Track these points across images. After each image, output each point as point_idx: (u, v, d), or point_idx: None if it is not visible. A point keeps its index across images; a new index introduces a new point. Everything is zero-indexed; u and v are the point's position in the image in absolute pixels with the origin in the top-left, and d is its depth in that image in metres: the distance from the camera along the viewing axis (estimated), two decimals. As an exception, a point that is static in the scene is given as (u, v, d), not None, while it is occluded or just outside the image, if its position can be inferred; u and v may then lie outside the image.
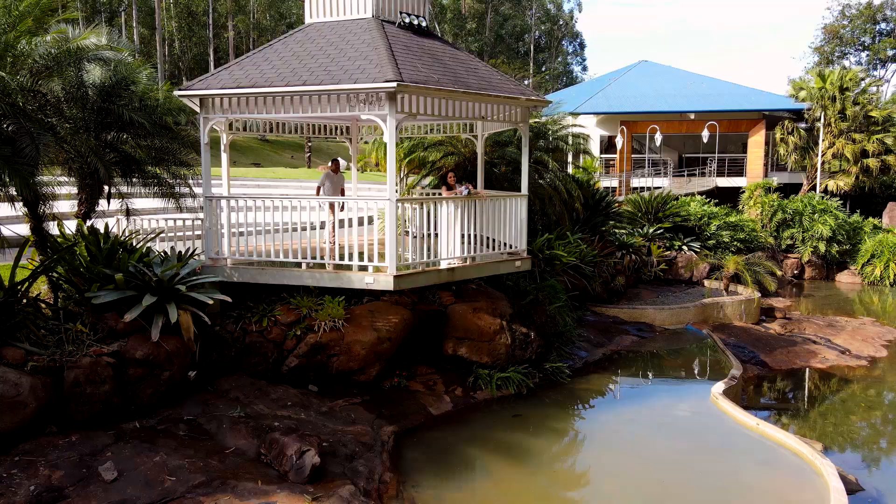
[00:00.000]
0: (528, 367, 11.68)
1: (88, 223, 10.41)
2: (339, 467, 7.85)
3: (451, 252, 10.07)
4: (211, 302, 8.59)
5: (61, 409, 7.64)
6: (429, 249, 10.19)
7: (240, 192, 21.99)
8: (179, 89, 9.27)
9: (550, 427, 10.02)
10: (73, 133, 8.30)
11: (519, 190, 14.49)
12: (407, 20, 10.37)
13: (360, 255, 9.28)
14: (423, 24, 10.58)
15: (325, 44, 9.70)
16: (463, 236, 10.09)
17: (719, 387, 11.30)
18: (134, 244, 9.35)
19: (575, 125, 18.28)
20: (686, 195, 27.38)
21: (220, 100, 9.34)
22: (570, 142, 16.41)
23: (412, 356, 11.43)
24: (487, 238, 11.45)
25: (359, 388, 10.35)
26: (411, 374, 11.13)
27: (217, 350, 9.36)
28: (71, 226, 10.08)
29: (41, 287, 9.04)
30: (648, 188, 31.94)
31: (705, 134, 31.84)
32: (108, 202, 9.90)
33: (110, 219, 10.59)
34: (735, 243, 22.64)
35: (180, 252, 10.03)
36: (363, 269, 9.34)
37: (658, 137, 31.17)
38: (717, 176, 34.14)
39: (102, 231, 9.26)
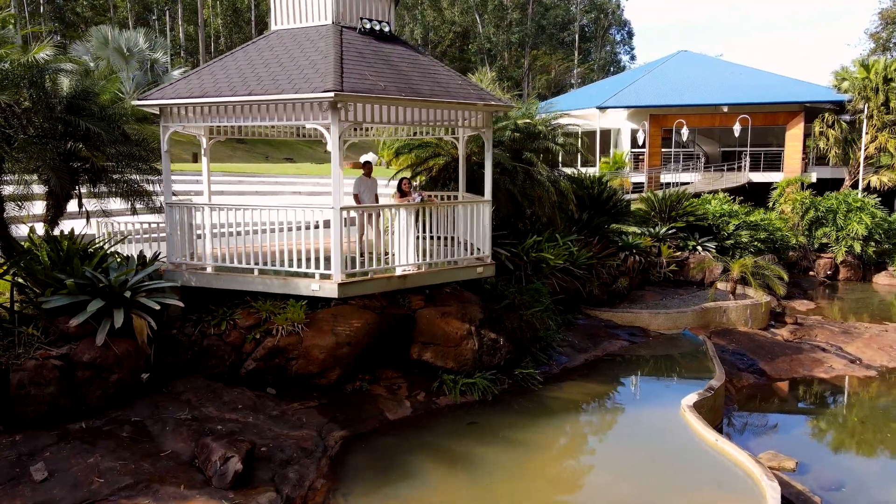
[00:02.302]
0: (497, 373, 11.59)
1: (67, 227, 10.88)
2: (268, 473, 8.00)
3: (407, 258, 10.05)
4: (157, 307, 8.84)
5: (8, 409, 8.03)
6: (388, 255, 10.21)
7: (237, 189, 22.56)
8: (139, 98, 9.56)
9: (505, 436, 9.93)
10: (29, 144, 8.65)
11: (507, 192, 14.41)
12: (368, 26, 10.36)
13: (308, 260, 9.36)
14: (387, 29, 10.55)
15: (281, 52, 9.81)
16: (417, 238, 10.05)
17: (690, 398, 10.93)
18: (93, 249, 9.69)
19: (572, 123, 17.85)
20: (711, 192, 26.49)
21: (176, 109, 9.58)
22: (562, 142, 16.06)
23: (380, 360, 11.51)
24: (467, 242, 11.40)
25: (319, 391, 10.50)
26: (376, 377, 11.21)
27: (173, 353, 9.64)
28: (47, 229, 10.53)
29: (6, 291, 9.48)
30: (676, 184, 31.08)
31: (737, 127, 30.72)
32: (80, 206, 10.31)
33: (84, 221, 11.01)
34: (755, 244, 21.81)
35: (146, 256, 10.36)
36: (310, 275, 9.43)
37: (685, 131, 30.23)
38: (751, 171, 32.88)
39: (68, 235, 9.63)
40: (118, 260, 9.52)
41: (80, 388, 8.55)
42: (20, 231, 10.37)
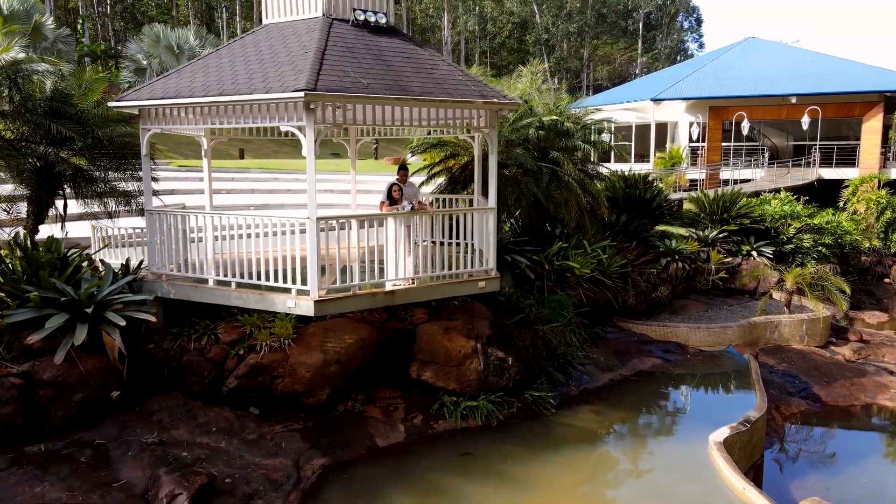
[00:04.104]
0: (504, 395, 10.60)
1: (61, 231, 10.55)
2: (225, 510, 7.33)
3: (397, 272, 9.19)
4: (123, 323, 8.31)
5: (-37, 429, 7.66)
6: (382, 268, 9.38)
7: (268, 186, 22.16)
8: (117, 99, 9.05)
9: (501, 471, 8.95)
10: (2, 149, 8.27)
11: (529, 195, 13.33)
12: (362, 18, 9.51)
13: (286, 273, 8.62)
14: (383, 21, 9.67)
15: (265, 48, 9.10)
16: (417, 245, 9.14)
17: (720, 434, 9.63)
18: (74, 256, 9.27)
19: (604, 119, 16.47)
20: (772, 191, 24.42)
21: (154, 110, 9.02)
22: (594, 140, 14.78)
23: (378, 377, 10.72)
24: (475, 248, 10.45)
25: (307, 411, 9.79)
26: (371, 397, 10.42)
27: (148, 369, 9.12)
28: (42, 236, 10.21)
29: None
30: (737, 181, 28.98)
31: (805, 120, 28.32)
32: (64, 211, 9.94)
33: (82, 224, 10.65)
34: (819, 249, 19.82)
35: (126, 265, 9.89)
36: (287, 291, 8.70)
37: (745, 124, 28.07)
38: (822, 166, 30.30)
39: (45, 242, 9.24)
40: (90, 271, 9.04)
41: (42, 408, 8.11)
42: (5, 236, 10.08)
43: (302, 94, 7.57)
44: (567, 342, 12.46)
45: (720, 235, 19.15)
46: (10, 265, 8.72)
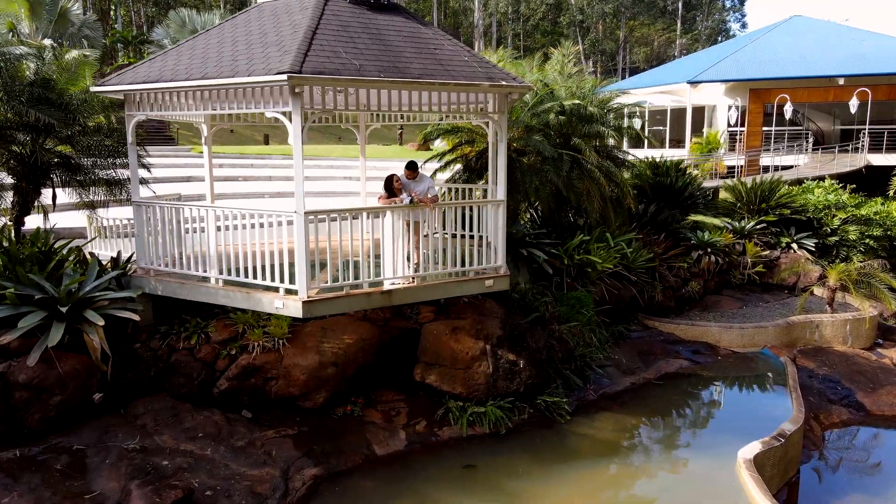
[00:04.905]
0: (515, 400, 9.89)
1: (58, 221, 10.15)
2: (200, 528, 6.82)
3: (396, 270, 8.51)
4: (101, 322, 7.82)
5: (-66, 433, 7.29)
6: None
7: (284, 173, 21.63)
8: (99, 84, 8.52)
9: (505, 488, 8.26)
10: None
11: (549, 184, 12.49)
12: (362, -7, 8.78)
13: (274, 270, 8.00)
14: (385, -4, 8.93)
15: (255, 28, 8.44)
16: (426, 236, 8.44)
17: (750, 450, 8.76)
18: (62, 249, 8.83)
19: (636, 103, 15.46)
20: (816, 178, 22.96)
21: (137, 95, 8.46)
22: (619, 125, 13.82)
23: (381, 379, 10.11)
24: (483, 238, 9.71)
25: (303, 415, 9.23)
26: (372, 400, 9.82)
27: (134, 369, 8.65)
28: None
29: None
30: (778, 168, 27.48)
31: (853, 102, 26.63)
32: (54, 202, 9.51)
33: (80, 213, 10.23)
34: (865, 242, 18.48)
35: (117, 258, 9.43)
36: (274, 289, 8.09)
37: (788, 107, 26.52)
38: (870, 152, 28.52)
39: (31, 235, 8.82)
40: (73, 265, 8.58)
41: (19, 411, 7.70)
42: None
43: (285, 77, 6.89)
44: (586, 342, 11.66)
45: (758, 226, 17.98)
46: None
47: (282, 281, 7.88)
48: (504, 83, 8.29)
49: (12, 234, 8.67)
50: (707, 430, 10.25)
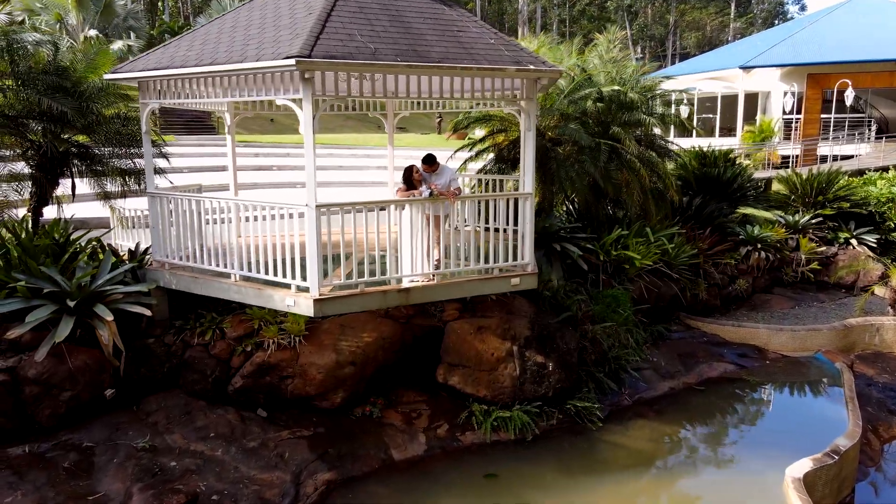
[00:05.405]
0: (543, 404, 9.35)
1: (74, 212, 10.03)
2: (202, 536, 6.52)
3: (414, 267, 8.03)
4: (110, 318, 7.59)
5: (-56, 428, 7.20)
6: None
7: (321, 163, 21.28)
8: (111, 71, 8.27)
9: (528, 500, 7.74)
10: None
11: (585, 175, 11.84)
12: (381, -28, 8.27)
13: (285, 265, 7.62)
14: (405, -25, 8.39)
15: (270, 11, 8.04)
16: (456, 230, 7.95)
17: (800, 467, 8.02)
18: (82, 240, 8.66)
19: (684, 89, 14.54)
20: (879, 169, 21.50)
21: (151, 83, 8.18)
22: (661, 113, 12.99)
23: (402, 378, 9.70)
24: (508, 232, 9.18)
25: (320, 415, 8.89)
26: (392, 401, 9.41)
27: (147, 365, 8.43)
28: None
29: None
30: (837, 157, 25.94)
31: (920, 88, 24.85)
32: (73, 192, 9.36)
33: (101, 204, 10.10)
34: (933, 237, 17.13)
35: (135, 250, 9.24)
36: (286, 286, 7.71)
37: (850, 93, 24.92)
38: (941, 141, 26.68)
39: (45, 226, 8.68)
40: (86, 257, 8.39)
41: (29, 406, 7.56)
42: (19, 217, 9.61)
43: (293, 61, 6.46)
44: (622, 343, 11.00)
45: (813, 220, 16.84)
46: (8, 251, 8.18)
47: (293, 277, 7.50)
48: (532, 67, 7.68)
49: (29, 225, 8.55)
50: (752, 443, 9.49)
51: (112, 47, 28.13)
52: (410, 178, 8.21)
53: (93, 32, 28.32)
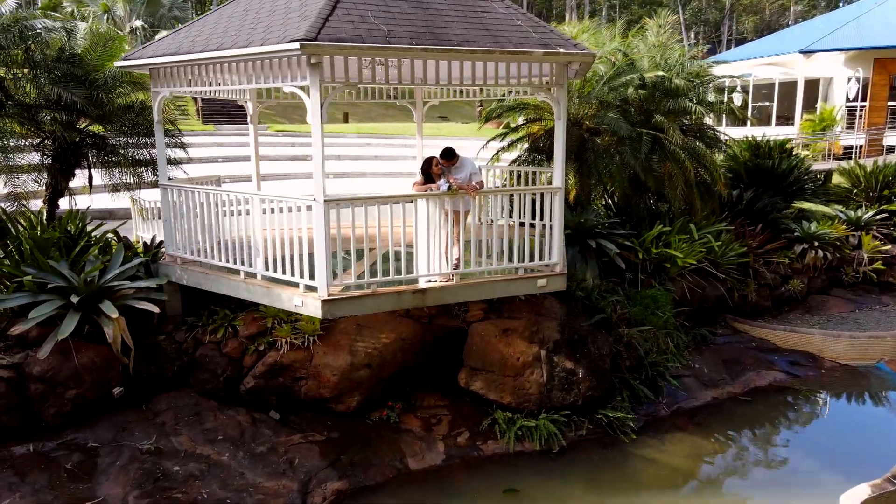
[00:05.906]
0: (571, 413, 8.74)
1: (91, 202, 9.87)
2: (198, 549, 6.19)
3: (430, 266, 7.50)
4: (115, 315, 7.32)
5: (-51, 425, 7.06)
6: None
7: (356, 153, 20.91)
8: (123, 58, 7.97)
9: (550, 519, 7.18)
10: (11, 116, 7.48)
11: (625, 167, 11.10)
12: (400, -51, 7.71)
13: (294, 262, 7.20)
14: (426, -49, 7.81)
15: (284, -8, 7.59)
16: (480, 225, 7.41)
17: (857, 494, 7.24)
18: (95, 232, 8.46)
19: (738, 75, 13.54)
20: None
21: (161, 70, 7.85)
22: (710, 100, 12.07)
23: (424, 381, 9.23)
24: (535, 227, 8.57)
25: (334, 418, 8.50)
26: (411, 405, 8.95)
27: (157, 363, 8.17)
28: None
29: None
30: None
31: None
32: (90, 182, 9.17)
33: (111, 195, 9.92)
34: None
35: (151, 243, 9.00)
36: (294, 285, 7.29)
37: (922, 80, 23.09)
38: None
39: (60, 217, 8.50)
40: (96, 251, 8.16)
41: (35, 404, 7.38)
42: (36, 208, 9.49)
43: (297, 45, 5.99)
44: (661, 348, 10.25)
45: (877, 216, 15.58)
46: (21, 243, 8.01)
47: (301, 276, 7.07)
48: (562, 51, 7.01)
49: (44, 217, 8.38)
50: (802, 463, 8.66)
51: (156, 38, 28.51)
52: (430, 171, 7.67)
53: (139, 23, 28.63)
